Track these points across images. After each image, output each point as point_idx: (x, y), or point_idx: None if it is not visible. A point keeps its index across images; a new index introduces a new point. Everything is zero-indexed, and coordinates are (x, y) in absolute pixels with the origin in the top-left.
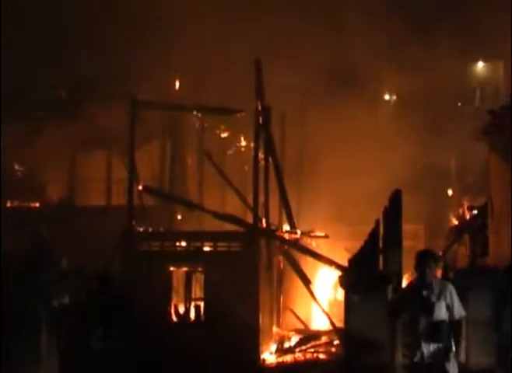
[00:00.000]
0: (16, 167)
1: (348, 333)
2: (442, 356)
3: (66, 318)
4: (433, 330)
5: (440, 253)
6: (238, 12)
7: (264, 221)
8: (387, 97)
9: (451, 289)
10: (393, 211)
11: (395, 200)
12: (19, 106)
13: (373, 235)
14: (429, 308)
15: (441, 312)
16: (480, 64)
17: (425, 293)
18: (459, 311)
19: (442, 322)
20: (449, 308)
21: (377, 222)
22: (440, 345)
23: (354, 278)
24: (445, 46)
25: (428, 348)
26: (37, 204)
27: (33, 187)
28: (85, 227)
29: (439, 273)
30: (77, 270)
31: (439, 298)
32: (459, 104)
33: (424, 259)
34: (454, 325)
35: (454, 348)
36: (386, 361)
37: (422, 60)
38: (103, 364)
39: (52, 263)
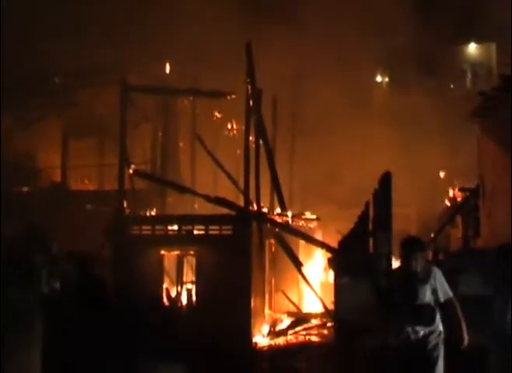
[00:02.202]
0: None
1: (338, 316)
2: (430, 341)
3: (55, 304)
4: (415, 314)
5: (432, 235)
6: None
7: (255, 204)
8: (379, 79)
9: (436, 272)
10: (383, 194)
11: (385, 182)
12: (12, 94)
13: (363, 217)
14: (413, 293)
15: (425, 296)
16: (472, 46)
17: (409, 279)
18: (445, 292)
19: (426, 305)
20: (434, 291)
21: (367, 205)
22: (430, 329)
23: (344, 261)
24: (437, 27)
25: (414, 332)
26: (29, 189)
27: (26, 172)
28: (78, 211)
29: (429, 255)
30: (68, 254)
31: (423, 282)
32: (451, 86)
33: (409, 248)
34: (441, 308)
35: (442, 330)
36: (377, 344)
37: (414, 41)
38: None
39: (43, 248)
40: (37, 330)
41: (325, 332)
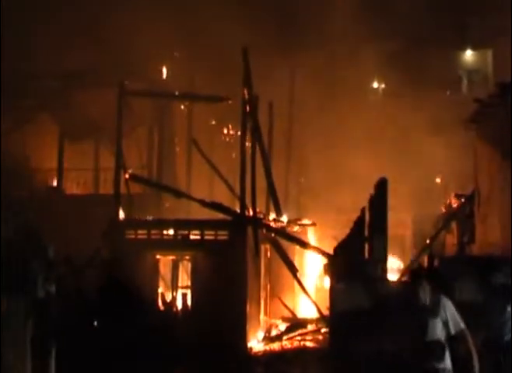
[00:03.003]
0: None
1: (333, 321)
2: None
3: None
4: (427, 351)
5: (428, 241)
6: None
7: (251, 209)
8: (375, 85)
9: (445, 302)
10: (379, 199)
11: (381, 188)
12: (8, 95)
13: (359, 223)
14: (423, 328)
15: (436, 331)
16: (468, 53)
17: (417, 312)
18: (456, 324)
19: (436, 341)
20: (445, 324)
21: (363, 210)
22: (439, 367)
23: (339, 266)
24: (433, 34)
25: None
26: (25, 193)
27: (21, 175)
28: (73, 215)
29: (424, 261)
30: (64, 258)
31: (433, 316)
32: (448, 93)
33: (417, 279)
34: (451, 341)
35: (450, 369)
36: (372, 348)
37: (410, 48)
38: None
39: (40, 253)
40: (29, 333)
41: (320, 337)
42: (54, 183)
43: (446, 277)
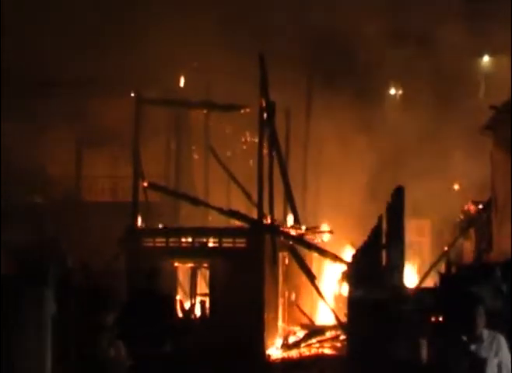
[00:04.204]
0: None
1: (351, 329)
2: None
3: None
4: None
5: (446, 248)
6: (242, 7)
7: (268, 216)
8: (392, 91)
9: (502, 342)
10: (396, 207)
11: (398, 195)
12: (25, 103)
13: (376, 230)
14: (480, 368)
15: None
16: (486, 58)
17: (473, 347)
18: (508, 370)
19: None
20: (499, 367)
21: (380, 218)
22: None
23: (356, 273)
24: (451, 39)
25: None
26: (42, 200)
27: (39, 184)
28: (91, 223)
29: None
30: (82, 266)
31: (491, 354)
32: (465, 98)
33: (472, 304)
34: None
35: None
36: (391, 357)
37: (427, 54)
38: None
39: (59, 261)
40: (47, 344)
41: (338, 344)
42: (72, 191)
43: (464, 284)
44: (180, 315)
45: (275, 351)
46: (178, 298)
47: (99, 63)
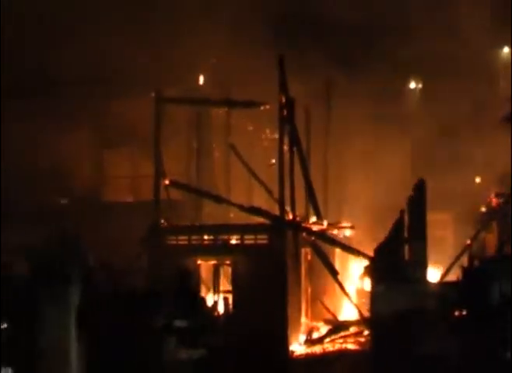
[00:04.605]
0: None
1: (374, 324)
2: None
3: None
4: None
5: (468, 241)
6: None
7: (290, 213)
8: (412, 85)
9: None
10: (417, 201)
11: (419, 189)
12: (47, 104)
13: (398, 225)
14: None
15: None
16: (506, 50)
17: None
18: None
19: None
20: None
21: (402, 212)
22: None
23: (379, 268)
24: (470, 32)
25: None
26: (65, 200)
27: (62, 185)
28: (113, 222)
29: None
30: (103, 264)
31: None
32: (485, 91)
33: None
34: None
35: None
36: (413, 351)
37: (447, 46)
38: None
39: (79, 259)
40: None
41: (362, 339)
42: (95, 191)
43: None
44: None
45: (298, 347)
46: (201, 295)
47: (120, 63)
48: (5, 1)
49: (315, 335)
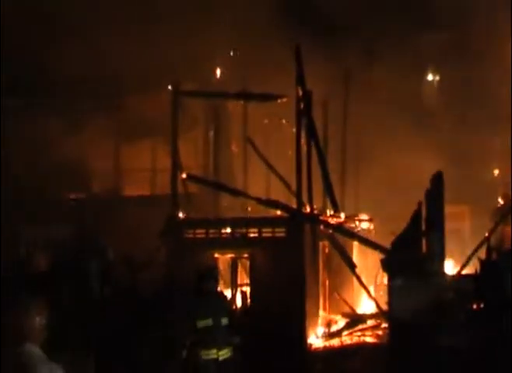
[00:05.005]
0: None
1: (392, 317)
2: None
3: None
4: None
5: (486, 234)
6: None
7: (308, 205)
8: (430, 77)
9: None
10: (435, 193)
11: (437, 181)
12: (63, 98)
13: (416, 217)
14: None
15: None
16: None
17: None
18: None
19: None
20: None
21: (419, 204)
22: None
23: (396, 261)
24: (484, 24)
25: None
26: (82, 195)
27: (80, 179)
28: (131, 216)
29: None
30: (123, 258)
31: None
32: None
33: None
34: None
35: None
36: (432, 345)
37: (464, 37)
38: None
39: (98, 254)
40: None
41: (380, 333)
42: (112, 185)
43: (504, 269)
44: None
45: (316, 340)
46: (219, 289)
47: (136, 56)
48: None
49: (333, 328)
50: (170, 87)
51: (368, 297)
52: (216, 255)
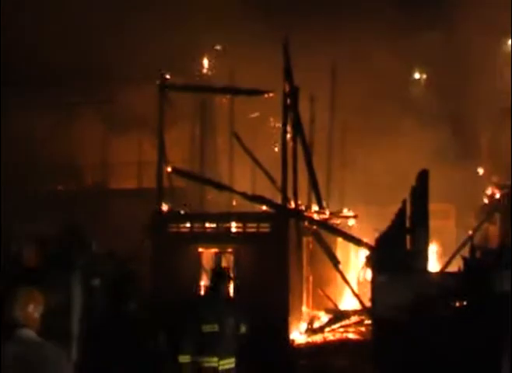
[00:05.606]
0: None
1: (375, 313)
2: None
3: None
4: None
5: (470, 233)
6: None
7: (293, 201)
8: (416, 76)
9: None
10: (420, 191)
11: (422, 179)
12: (52, 92)
13: (401, 214)
14: None
15: None
16: (510, 42)
17: None
18: None
19: None
20: None
21: (404, 202)
22: None
23: (381, 258)
24: (475, 21)
25: None
26: (70, 188)
27: (67, 172)
28: (118, 210)
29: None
30: (108, 252)
31: None
32: (488, 81)
33: None
34: None
35: None
36: (414, 342)
37: (451, 36)
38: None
39: (83, 247)
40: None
41: (363, 329)
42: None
43: (487, 268)
44: None
45: (299, 336)
46: (202, 283)
47: (124, 50)
48: None
49: (316, 324)
50: (157, 81)
51: (351, 293)
52: (200, 249)
